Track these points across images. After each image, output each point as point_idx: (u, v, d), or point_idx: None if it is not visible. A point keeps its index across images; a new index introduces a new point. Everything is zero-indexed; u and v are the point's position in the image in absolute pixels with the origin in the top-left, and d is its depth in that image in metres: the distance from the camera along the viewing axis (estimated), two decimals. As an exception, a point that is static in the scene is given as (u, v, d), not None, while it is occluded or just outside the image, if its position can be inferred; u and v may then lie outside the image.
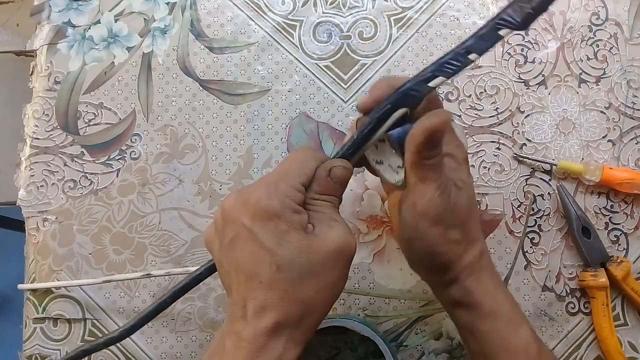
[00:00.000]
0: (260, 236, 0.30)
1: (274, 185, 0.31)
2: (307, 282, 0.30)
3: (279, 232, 0.30)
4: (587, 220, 0.45)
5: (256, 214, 0.30)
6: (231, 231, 0.31)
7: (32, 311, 0.47)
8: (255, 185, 0.32)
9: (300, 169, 0.33)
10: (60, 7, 0.50)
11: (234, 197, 0.32)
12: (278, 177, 0.32)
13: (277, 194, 0.31)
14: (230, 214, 0.31)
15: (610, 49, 0.48)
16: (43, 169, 0.48)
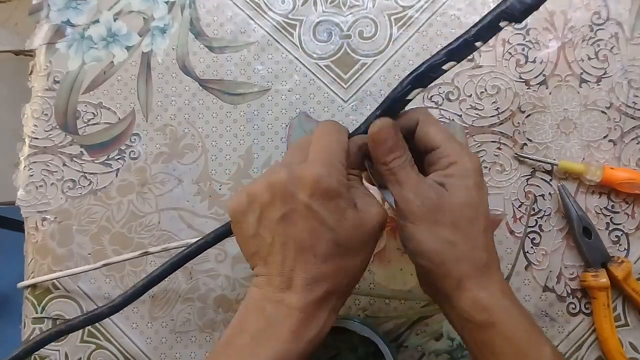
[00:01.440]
0: (321, 213, 0.31)
1: (330, 164, 0.32)
2: (358, 255, 0.32)
3: (339, 210, 0.31)
4: (588, 221, 0.45)
5: (316, 191, 0.31)
6: (284, 206, 0.31)
7: (30, 311, 0.46)
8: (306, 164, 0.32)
9: (343, 145, 0.34)
10: (59, 6, 0.50)
11: (286, 173, 0.32)
12: (329, 155, 0.33)
13: (335, 172, 0.32)
14: (283, 190, 0.31)
15: (611, 48, 0.48)
16: (42, 169, 0.48)
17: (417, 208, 0.34)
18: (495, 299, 0.33)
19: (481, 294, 0.33)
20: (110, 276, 0.47)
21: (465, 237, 0.34)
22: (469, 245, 0.34)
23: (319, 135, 0.34)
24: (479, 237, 0.34)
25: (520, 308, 0.34)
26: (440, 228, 0.33)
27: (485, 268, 0.34)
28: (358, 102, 0.48)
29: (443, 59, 0.35)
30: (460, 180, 0.34)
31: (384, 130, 0.34)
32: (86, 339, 0.46)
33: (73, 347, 0.46)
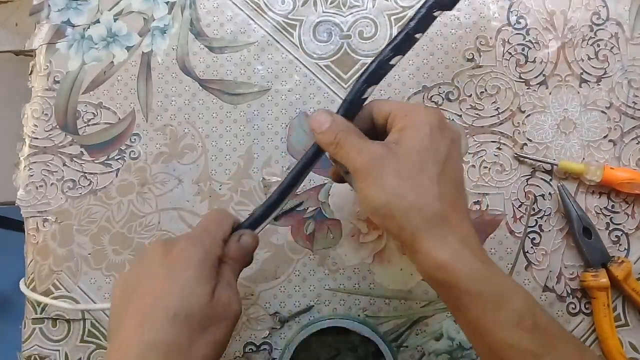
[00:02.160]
0: (172, 281, 0.32)
1: (199, 239, 0.34)
2: (196, 336, 0.31)
3: (190, 283, 0.33)
4: (588, 221, 0.45)
5: (178, 259, 0.33)
6: (148, 272, 0.33)
7: (30, 311, 0.46)
8: (180, 237, 0.35)
9: (219, 228, 0.36)
10: (59, 6, 0.50)
11: (159, 243, 0.34)
12: (202, 232, 0.35)
13: (202, 247, 0.34)
14: (152, 258, 0.34)
15: (611, 48, 0.48)
16: (42, 169, 0.48)
17: (363, 165, 0.33)
18: (454, 253, 0.31)
19: (437, 249, 0.31)
20: (110, 276, 0.47)
21: (414, 187, 0.32)
22: (419, 194, 0.32)
23: (204, 217, 0.37)
24: (431, 185, 0.32)
25: (484, 259, 0.32)
26: (386, 180, 0.32)
27: (439, 218, 0.32)
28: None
29: (390, 55, 0.37)
30: (411, 130, 0.33)
31: (318, 118, 0.35)
32: (86, 338, 0.46)
33: (73, 347, 0.46)
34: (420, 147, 0.33)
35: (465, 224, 0.33)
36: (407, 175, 0.32)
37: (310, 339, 0.40)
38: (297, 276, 0.46)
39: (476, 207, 0.46)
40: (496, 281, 0.31)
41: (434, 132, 0.33)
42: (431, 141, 0.33)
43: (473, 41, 0.48)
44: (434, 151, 0.33)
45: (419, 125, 0.33)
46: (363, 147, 0.34)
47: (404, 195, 0.32)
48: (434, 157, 0.33)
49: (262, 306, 0.46)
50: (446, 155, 0.33)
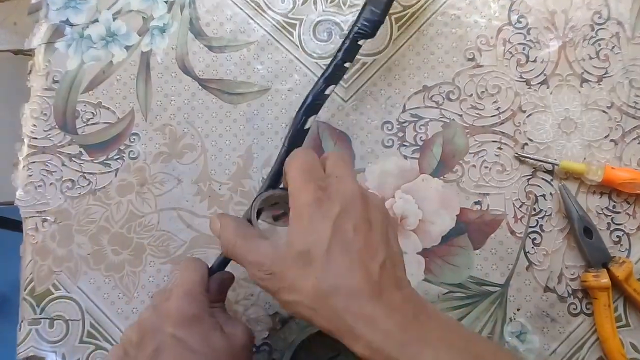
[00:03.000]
0: (187, 340, 0.33)
1: (190, 294, 0.35)
2: None
3: (202, 334, 0.33)
4: (589, 221, 0.45)
5: (179, 321, 0.33)
6: (153, 342, 0.33)
7: (29, 312, 0.46)
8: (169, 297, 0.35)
9: (202, 277, 0.37)
10: (58, 5, 0.50)
11: (150, 311, 0.35)
12: (190, 287, 0.36)
13: (196, 301, 0.34)
14: (151, 326, 0.34)
15: (612, 48, 0.47)
16: (41, 169, 0.48)
17: (256, 277, 0.33)
18: (366, 344, 0.30)
19: (353, 345, 0.30)
20: (110, 276, 0.46)
21: (305, 293, 0.31)
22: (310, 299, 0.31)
23: (178, 273, 0.37)
24: (318, 285, 0.30)
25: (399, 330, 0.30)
26: (282, 293, 0.32)
27: (339, 313, 0.30)
28: (358, 101, 0.48)
29: (323, 86, 0.40)
30: (294, 224, 0.32)
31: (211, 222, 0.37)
32: (85, 339, 0.46)
33: (71, 348, 0.46)
34: (302, 247, 0.31)
35: (370, 304, 0.30)
36: (297, 285, 0.31)
37: (310, 339, 0.40)
38: (297, 276, 0.46)
39: (477, 207, 0.46)
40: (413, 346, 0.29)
41: (312, 218, 0.31)
42: (311, 233, 0.31)
43: (474, 40, 0.48)
44: (315, 244, 0.31)
45: (299, 217, 0.32)
46: (252, 258, 0.33)
47: (300, 304, 0.31)
48: (316, 250, 0.31)
49: (262, 307, 0.46)
50: (330, 239, 0.31)
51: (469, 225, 0.46)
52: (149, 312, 0.35)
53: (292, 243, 0.32)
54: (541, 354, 0.44)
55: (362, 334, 0.29)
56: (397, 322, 0.30)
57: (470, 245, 0.46)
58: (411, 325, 0.30)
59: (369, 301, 0.30)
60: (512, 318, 0.45)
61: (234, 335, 0.35)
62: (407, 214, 0.46)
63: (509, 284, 0.45)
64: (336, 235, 0.31)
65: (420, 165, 0.47)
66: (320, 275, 0.30)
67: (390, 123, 0.48)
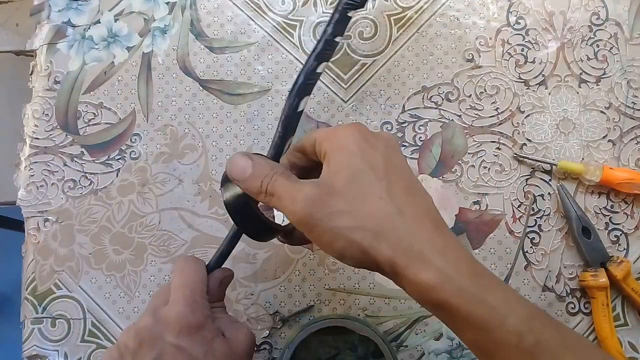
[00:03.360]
0: (189, 349, 0.32)
1: (192, 300, 0.33)
2: None
3: (205, 342, 0.32)
4: (587, 221, 0.45)
5: (181, 329, 0.32)
6: (152, 351, 0.32)
7: (30, 311, 0.47)
8: (172, 305, 0.33)
9: (202, 279, 0.35)
10: (60, 6, 0.50)
11: (150, 317, 0.33)
12: (191, 291, 0.34)
13: (198, 308, 0.33)
14: (150, 334, 0.32)
15: (610, 49, 0.48)
16: (43, 169, 0.48)
17: (301, 215, 0.30)
18: (437, 273, 0.28)
19: (418, 273, 0.28)
20: (111, 276, 0.47)
21: (368, 216, 0.29)
22: (376, 220, 0.29)
23: (176, 273, 0.35)
24: (385, 206, 0.29)
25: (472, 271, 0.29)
26: (336, 219, 0.29)
27: (408, 239, 0.29)
28: (358, 102, 0.48)
29: (314, 64, 0.36)
30: (338, 156, 0.30)
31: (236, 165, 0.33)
32: (87, 338, 0.46)
33: (73, 347, 0.46)
34: (354, 170, 0.30)
35: (440, 234, 0.29)
36: (356, 206, 0.29)
37: (310, 338, 0.40)
38: (297, 276, 0.46)
39: (476, 207, 0.46)
40: (487, 299, 0.28)
41: (362, 147, 0.30)
42: (363, 160, 0.30)
43: (472, 41, 0.48)
44: (371, 169, 0.30)
45: (343, 147, 0.30)
46: (295, 194, 0.30)
47: (363, 228, 0.29)
48: (374, 175, 0.30)
49: (262, 306, 0.46)
50: (385, 166, 0.30)
51: (468, 225, 0.46)
52: (148, 319, 0.33)
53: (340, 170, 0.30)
54: (540, 353, 0.45)
55: (434, 260, 0.28)
56: (464, 254, 0.29)
57: (469, 245, 0.46)
58: (476, 264, 0.29)
59: (435, 230, 0.29)
60: (510, 317, 0.45)
61: (235, 339, 0.34)
62: (406, 213, 0.46)
63: (507, 284, 0.45)
64: (389, 164, 0.30)
65: (419, 165, 0.47)
66: (384, 195, 0.29)
67: (389, 123, 0.48)
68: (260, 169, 0.32)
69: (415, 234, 0.29)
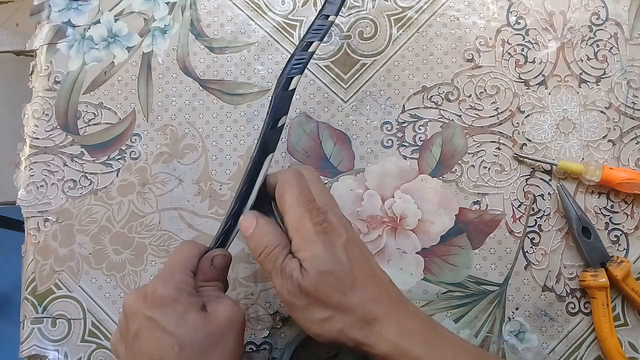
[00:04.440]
0: (160, 321, 0.33)
1: (168, 275, 0.35)
2: (211, 354, 0.33)
3: (177, 314, 0.33)
4: (587, 221, 0.45)
5: (154, 302, 0.33)
6: (133, 325, 0.34)
7: (30, 311, 0.47)
8: (151, 281, 0.35)
9: (187, 259, 0.37)
10: (60, 6, 0.50)
11: (133, 294, 0.35)
12: (170, 268, 0.36)
13: (172, 281, 0.34)
14: (130, 310, 0.34)
15: (610, 49, 0.48)
16: (43, 169, 0.48)
17: (286, 301, 0.35)
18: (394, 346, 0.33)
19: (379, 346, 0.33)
20: (111, 276, 0.47)
21: (337, 307, 0.34)
22: (343, 312, 0.34)
23: (170, 254, 0.38)
24: (351, 298, 0.34)
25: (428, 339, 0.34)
26: (311, 311, 0.34)
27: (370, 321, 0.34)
28: (358, 102, 0.48)
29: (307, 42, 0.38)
30: (307, 251, 0.34)
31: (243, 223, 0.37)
32: (87, 338, 0.46)
33: (73, 347, 0.46)
34: (324, 269, 0.34)
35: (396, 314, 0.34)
36: (327, 300, 0.34)
37: (310, 338, 0.40)
38: (297, 276, 0.46)
39: (476, 207, 0.46)
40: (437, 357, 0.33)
41: (326, 246, 0.34)
42: (329, 257, 0.34)
43: (472, 41, 0.48)
44: (337, 264, 0.34)
45: (311, 245, 0.34)
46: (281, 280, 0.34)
47: (331, 319, 0.34)
48: (340, 270, 0.34)
49: (263, 306, 0.46)
50: (349, 262, 0.34)
51: (468, 225, 0.46)
52: (131, 295, 0.35)
53: (312, 267, 0.34)
54: (539, 352, 0.45)
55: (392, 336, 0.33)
56: (419, 325, 0.34)
57: (469, 245, 0.46)
58: (429, 329, 0.35)
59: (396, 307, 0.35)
60: (510, 317, 0.45)
61: (214, 312, 0.34)
62: (406, 213, 0.46)
63: (507, 284, 0.45)
64: (350, 256, 0.35)
65: (419, 165, 0.47)
66: (348, 290, 0.34)
67: (389, 123, 0.48)
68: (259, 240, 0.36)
69: (372, 319, 0.34)
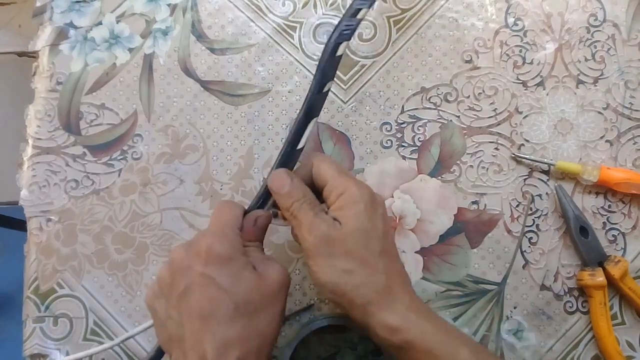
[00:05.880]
0: (216, 279, 0.32)
1: (221, 233, 0.35)
2: (261, 315, 0.34)
3: (233, 273, 0.33)
4: (585, 220, 0.45)
5: (210, 259, 0.33)
6: (183, 281, 0.33)
7: (33, 310, 0.47)
8: (200, 236, 0.35)
9: (235, 216, 0.37)
10: (62, 8, 0.51)
11: (182, 249, 0.34)
12: (221, 226, 0.36)
13: (227, 239, 0.34)
14: (180, 265, 0.34)
15: (607, 50, 0.48)
16: (45, 169, 0.49)
17: (311, 244, 0.35)
18: (404, 317, 0.34)
19: (388, 316, 0.34)
20: (113, 275, 0.47)
21: (361, 264, 0.35)
22: (366, 270, 0.35)
23: (213, 214, 0.38)
24: (376, 261, 0.35)
25: (432, 319, 0.35)
26: (335, 260, 0.35)
27: (386, 290, 0.35)
28: (357, 103, 0.49)
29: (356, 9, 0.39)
30: (349, 210, 0.36)
31: (278, 179, 0.37)
32: (89, 337, 0.47)
33: (75, 346, 0.47)
34: (361, 227, 0.35)
35: (408, 291, 0.36)
36: (354, 255, 0.35)
37: (310, 337, 0.40)
38: (297, 275, 0.46)
39: (474, 207, 0.47)
40: (443, 336, 0.34)
41: (368, 210, 0.36)
42: (368, 220, 0.36)
43: (471, 43, 0.49)
44: (373, 229, 0.36)
45: (355, 205, 0.36)
46: (313, 225, 0.35)
47: (353, 272, 0.35)
48: (375, 234, 0.36)
49: (263, 305, 0.46)
50: (383, 231, 0.36)
51: (467, 225, 0.47)
52: (180, 251, 0.34)
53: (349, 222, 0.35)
54: (537, 351, 0.45)
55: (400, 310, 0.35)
56: (424, 308, 0.36)
57: (468, 244, 0.46)
58: (434, 314, 0.36)
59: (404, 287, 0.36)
60: (508, 316, 0.45)
61: (266, 274, 0.35)
62: (405, 213, 0.47)
63: (505, 283, 0.46)
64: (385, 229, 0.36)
65: (418, 165, 0.48)
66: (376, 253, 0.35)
67: (389, 124, 0.48)
68: (295, 192, 0.37)
69: (390, 289, 0.35)
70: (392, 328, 0.34)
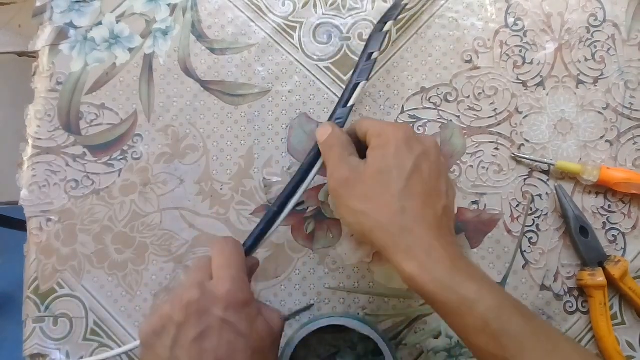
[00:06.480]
0: (236, 324, 0.33)
1: (238, 277, 0.35)
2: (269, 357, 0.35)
3: (250, 318, 0.34)
4: (585, 220, 0.45)
5: (230, 304, 0.33)
6: (200, 325, 0.33)
7: (33, 310, 0.47)
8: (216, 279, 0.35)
9: (243, 260, 0.37)
10: (62, 8, 0.51)
11: (199, 291, 0.34)
12: (236, 270, 0.36)
13: (245, 285, 0.35)
14: (198, 307, 0.33)
15: (607, 50, 0.48)
16: (45, 169, 0.49)
17: (331, 187, 0.37)
18: (419, 265, 0.32)
19: (404, 262, 0.33)
20: (113, 275, 0.47)
21: (377, 205, 0.34)
22: (381, 212, 0.34)
23: (216, 253, 0.37)
24: (393, 202, 0.34)
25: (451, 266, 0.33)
26: (351, 201, 0.35)
27: (403, 233, 0.33)
28: (357, 103, 0.49)
29: None
30: (379, 151, 0.36)
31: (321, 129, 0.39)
32: (89, 337, 0.47)
33: (75, 345, 0.47)
34: (384, 167, 0.35)
35: (431, 234, 0.34)
36: (371, 196, 0.35)
37: (310, 337, 0.40)
38: (298, 275, 0.47)
39: (474, 207, 0.47)
40: (459, 290, 0.32)
41: (399, 149, 0.35)
42: (395, 159, 0.35)
43: (471, 43, 0.49)
44: (398, 168, 0.35)
45: (386, 145, 0.36)
46: (335, 168, 0.37)
47: (367, 215, 0.34)
48: (398, 174, 0.35)
49: (263, 305, 0.46)
50: (411, 170, 0.35)
51: (467, 225, 0.47)
52: (195, 292, 0.33)
53: (374, 163, 0.36)
54: (538, 351, 0.45)
55: (417, 255, 0.33)
56: (449, 255, 0.33)
57: (468, 244, 0.46)
58: (459, 262, 0.34)
59: (429, 231, 0.34)
60: (509, 316, 0.45)
61: (272, 319, 0.36)
62: (405, 213, 0.47)
63: (505, 282, 0.46)
64: (416, 168, 0.35)
65: (418, 165, 0.48)
66: (396, 194, 0.34)
67: (389, 124, 0.48)
68: (331, 139, 0.38)
69: (408, 231, 0.33)
70: (407, 275, 0.33)
